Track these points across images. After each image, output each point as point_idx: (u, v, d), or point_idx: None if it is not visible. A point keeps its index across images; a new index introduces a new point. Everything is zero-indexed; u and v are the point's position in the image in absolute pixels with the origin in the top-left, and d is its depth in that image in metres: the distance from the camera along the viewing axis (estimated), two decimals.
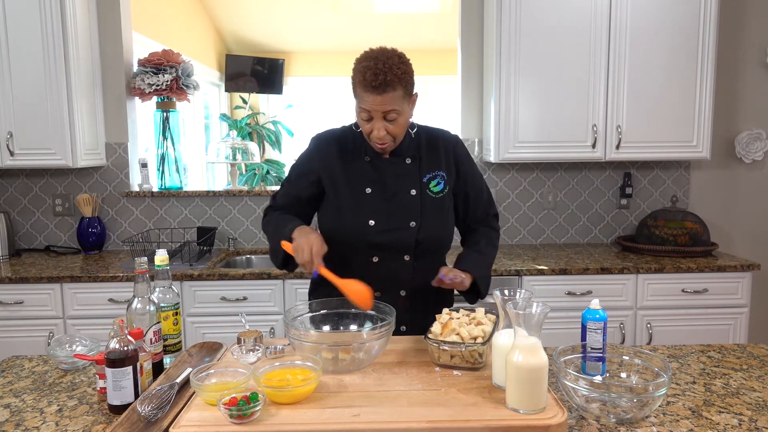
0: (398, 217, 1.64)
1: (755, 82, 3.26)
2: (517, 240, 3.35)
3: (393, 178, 1.65)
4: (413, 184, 1.66)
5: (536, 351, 1.14)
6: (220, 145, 3.44)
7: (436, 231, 1.67)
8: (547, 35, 2.85)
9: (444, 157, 1.71)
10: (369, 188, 1.65)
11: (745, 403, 1.30)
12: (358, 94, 1.54)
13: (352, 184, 1.65)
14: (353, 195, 1.65)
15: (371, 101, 1.51)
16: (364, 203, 1.64)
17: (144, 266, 1.41)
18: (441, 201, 1.68)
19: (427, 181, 1.67)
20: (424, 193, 1.67)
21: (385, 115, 1.53)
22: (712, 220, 3.29)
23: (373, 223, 1.63)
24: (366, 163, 1.67)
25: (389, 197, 1.65)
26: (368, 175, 1.66)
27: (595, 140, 2.92)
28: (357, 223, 1.63)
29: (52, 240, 3.28)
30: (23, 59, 2.79)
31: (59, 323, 2.68)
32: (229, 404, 1.12)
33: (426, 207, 1.66)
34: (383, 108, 1.51)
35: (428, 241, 1.65)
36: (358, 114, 1.57)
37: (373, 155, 1.67)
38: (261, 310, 2.70)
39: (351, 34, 6.14)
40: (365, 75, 1.49)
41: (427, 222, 1.65)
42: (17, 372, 1.53)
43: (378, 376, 1.33)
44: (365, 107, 1.53)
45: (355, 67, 1.54)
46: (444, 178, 1.69)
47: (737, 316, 2.76)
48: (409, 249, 1.65)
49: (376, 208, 1.64)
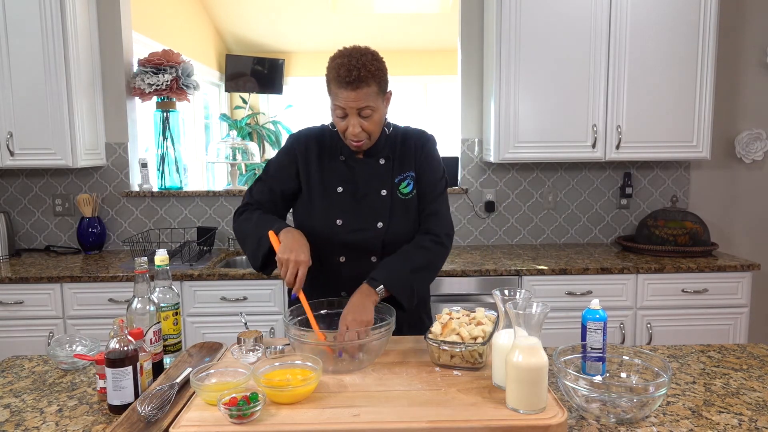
0: (366, 218, 1.64)
1: (755, 82, 3.26)
2: (517, 240, 3.35)
3: (365, 179, 1.66)
4: (384, 185, 1.66)
5: (536, 351, 1.14)
6: (220, 145, 3.44)
7: (403, 233, 1.66)
8: (547, 35, 2.85)
9: (413, 155, 1.70)
10: (341, 187, 1.65)
11: (745, 403, 1.30)
12: (332, 92, 1.55)
13: (325, 183, 1.66)
14: (325, 194, 1.65)
15: (345, 97, 1.51)
16: (335, 202, 1.65)
17: (144, 266, 1.41)
18: (409, 203, 1.68)
19: (398, 183, 1.67)
20: (394, 194, 1.66)
21: (360, 112, 1.53)
22: (712, 220, 3.30)
23: (341, 223, 1.63)
24: (340, 163, 1.67)
25: (360, 197, 1.65)
26: (342, 174, 1.66)
27: (595, 140, 2.92)
28: (326, 222, 1.63)
29: (52, 240, 3.28)
30: (23, 59, 2.79)
31: (59, 323, 2.68)
32: (229, 404, 1.12)
33: (395, 208, 1.65)
34: (358, 104, 1.52)
35: (395, 242, 1.64)
36: (333, 112, 1.57)
37: (347, 155, 1.68)
38: (261, 310, 2.70)
39: (351, 34, 6.12)
40: (339, 71, 1.50)
41: (395, 223, 1.65)
42: (17, 372, 1.53)
43: (378, 376, 1.33)
44: (340, 104, 1.53)
45: (329, 65, 1.55)
46: (413, 178, 1.69)
47: (737, 316, 2.76)
48: (375, 250, 1.64)
49: (346, 208, 1.64)
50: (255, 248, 1.60)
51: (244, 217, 1.68)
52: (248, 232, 1.64)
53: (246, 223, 1.66)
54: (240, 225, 1.68)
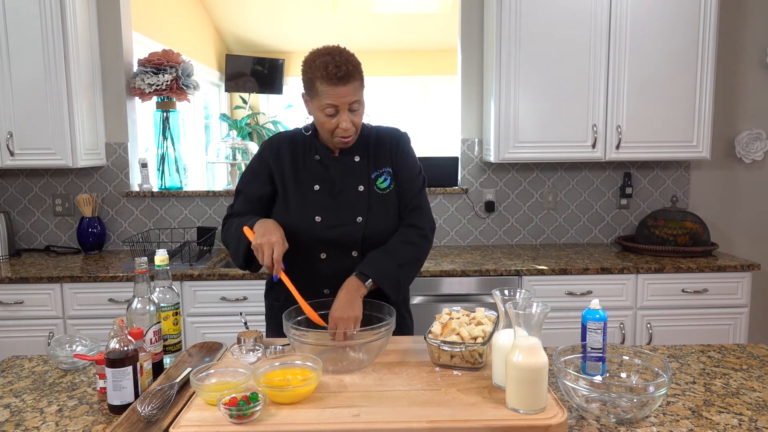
0: (345, 213, 1.65)
1: (755, 82, 3.26)
2: (517, 240, 3.35)
3: (341, 176, 1.67)
4: (361, 181, 1.67)
5: (536, 351, 1.14)
6: (220, 145, 3.44)
7: (383, 226, 1.67)
8: (548, 35, 2.85)
9: (389, 153, 1.72)
10: (317, 185, 1.66)
11: (745, 403, 1.30)
12: (319, 91, 1.54)
13: (301, 182, 1.67)
14: (301, 192, 1.66)
15: (337, 93, 1.52)
16: (312, 200, 1.66)
17: (144, 266, 1.41)
18: (387, 197, 1.69)
19: (375, 178, 1.69)
20: (372, 189, 1.68)
21: (350, 106, 1.55)
22: (712, 220, 3.30)
23: (320, 219, 1.64)
24: (315, 162, 1.68)
25: (336, 194, 1.66)
26: (317, 173, 1.68)
27: (595, 140, 2.92)
28: (304, 219, 1.64)
29: (52, 240, 3.28)
30: (23, 59, 2.79)
31: (59, 323, 2.68)
32: (229, 404, 1.12)
33: (373, 203, 1.67)
34: (350, 99, 1.53)
35: (375, 236, 1.65)
36: (322, 111, 1.56)
37: (322, 154, 1.69)
38: (261, 310, 2.68)
39: (351, 34, 6.14)
40: (327, 68, 1.51)
41: (374, 218, 1.66)
42: (17, 372, 1.53)
43: (378, 376, 1.33)
44: (331, 102, 1.53)
45: (311, 65, 1.55)
46: (390, 174, 1.71)
47: (737, 316, 2.76)
48: (356, 245, 1.66)
49: (323, 205, 1.65)
50: (236, 248, 1.64)
51: (226, 227, 1.72)
52: (230, 237, 1.68)
53: (228, 231, 1.71)
54: (224, 234, 1.73)
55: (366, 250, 1.65)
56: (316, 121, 1.61)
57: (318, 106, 1.56)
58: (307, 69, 1.56)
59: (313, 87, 1.55)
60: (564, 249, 3.17)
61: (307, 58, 1.58)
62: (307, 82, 1.57)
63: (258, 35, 6.34)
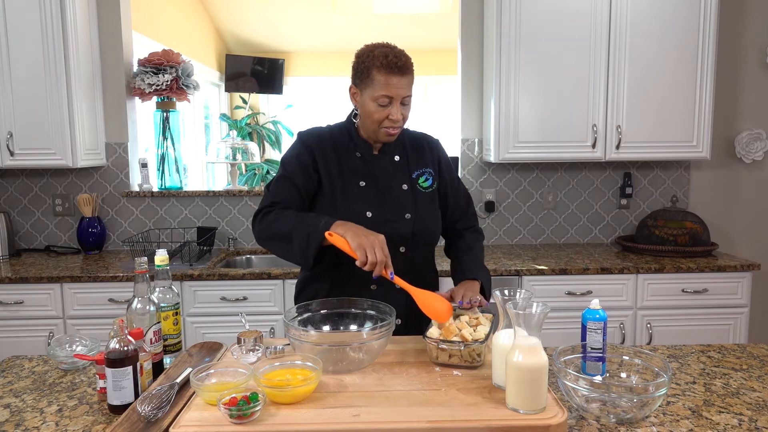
0: (394, 209, 1.66)
1: (755, 82, 3.26)
2: (517, 240, 3.35)
3: (384, 173, 1.68)
4: (404, 180, 1.69)
5: (536, 351, 1.14)
6: (220, 145, 3.44)
7: (429, 224, 1.70)
8: (547, 35, 2.85)
9: (429, 156, 1.76)
10: (363, 182, 1.66)
11: (745, 403, 1.30)
12: (375, 80, 1.54)
13: (346, 178, 1.66)
14: (348, 188, 1.65)
15: (395, 84, 1.53)
16: (360, 195, 1.65)
17: (144, 266, 1.41)
18: (431, 195, 1.72)
19: (416, 177, 1.71)
20: (415, 188, 1.70)
21: (402, 100, 1.56)
22: (712, 220, 3.29)
23: (371, 215, 1.63)
24: (357, 159, 1.68)
25: (383, 190, 1.67)
26: (361, 169, 1.67)
27: (595, 140, 2.92)
28: (354, 215, 1.60)
29: (52, 240, 3.28)
30: (23, 59, 2.79)
31: (59, 323, 2.68)
32: (229, 404, 1.12)
33: (418, 201, 1.69)
34: (404, 92, 1.56)
35: (422, 233, 1.68)
36: (375, 101, 1.55)
37: (363, 151, 1.68)
38: (261, 310, 2.70)
39: (351, 34, 6.14)
40: (387, 57, 1.52)
41: (421, 215, 1.68)
42: (17, 372, 1.53)
43: (378, 376, 1.33)
44: (386, 93, 1.54)
45: (369, 55, 1.55)
46: (432, 174, 1.73)
47: (737, 316, 2.76)
48: (405, 240, 1.66)
49: (372, 201, 1.65)
50: (304, 246, 1.50)
51: (274, 217, 1.57)
52: (288, 230, 1.53)
53: (281, 221, 1.56)
54: (272, 225, 1.57)
55: (413, 247, 1.67)
56: (365, 111, 1.59)
57: (371, 96, 1.56)
58: (365, 59, 1.56)
59: (368, 76, 1.55)
60: (564, 249, 3.17)
61: (363, 50, 1.59)
62: (363, 71, 1.56)
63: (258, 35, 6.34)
